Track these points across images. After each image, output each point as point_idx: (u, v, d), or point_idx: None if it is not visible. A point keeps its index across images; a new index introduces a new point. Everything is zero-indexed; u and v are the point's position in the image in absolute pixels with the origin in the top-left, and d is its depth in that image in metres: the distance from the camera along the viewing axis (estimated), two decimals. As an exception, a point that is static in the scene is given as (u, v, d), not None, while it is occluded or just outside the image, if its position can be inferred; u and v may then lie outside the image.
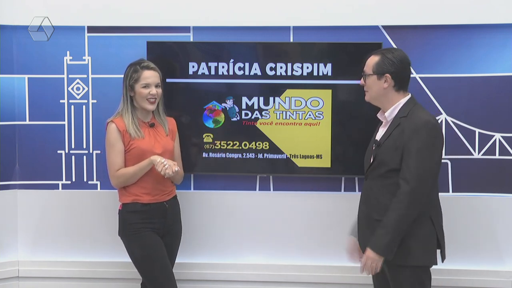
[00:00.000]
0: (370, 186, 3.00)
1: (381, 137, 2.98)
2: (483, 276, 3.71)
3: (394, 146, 2.88)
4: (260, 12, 3.71)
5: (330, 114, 3.66)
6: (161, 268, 3.27)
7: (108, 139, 3.31)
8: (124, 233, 3.33)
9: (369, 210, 2.99)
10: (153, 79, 3.31)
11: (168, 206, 3.37)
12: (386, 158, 2.91)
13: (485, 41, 3.63)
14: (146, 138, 3.31)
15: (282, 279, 3.82)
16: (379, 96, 2.99)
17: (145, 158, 3.26)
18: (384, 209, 2.88)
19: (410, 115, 2.91)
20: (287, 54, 3.68)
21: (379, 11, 3.66)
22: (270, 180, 3.82)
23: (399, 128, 2.90)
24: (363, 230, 3.05)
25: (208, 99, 3.72)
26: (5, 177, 3.86)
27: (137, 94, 3.30)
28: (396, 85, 2.95)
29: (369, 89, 3.01)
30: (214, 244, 3.86)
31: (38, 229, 3.91)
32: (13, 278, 3.90)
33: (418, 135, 2.82)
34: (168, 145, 3.38)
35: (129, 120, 3.29)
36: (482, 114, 3.67)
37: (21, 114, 3.85)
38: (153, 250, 3.27)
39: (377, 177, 2.96)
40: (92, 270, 3.88)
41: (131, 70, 3.33)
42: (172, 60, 3.70)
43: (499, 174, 3.69)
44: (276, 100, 3.68)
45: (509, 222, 3.71)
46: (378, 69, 2.95)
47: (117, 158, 3.29)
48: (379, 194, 2.94)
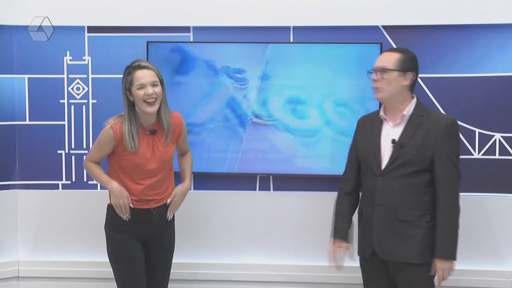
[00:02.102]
0: (390, 187, 2.92)
1: (400, 137, 2.92)
2: (483, 276, 3.72)
3: (422, 146, 2.87)
4: (260, 12, 3.71)
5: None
6: (129, 274, 3.17)
7: (100, 137, 3.16)
8: (106, 228, 3.24)
9: (390, 211, 2.91)
10: (148, 78, 3.05)
11: (155, 213, 3.19)
12: (414, 158, 2.87)
13: (485, 41, 3.63)
14: (142, 151, 3.12)
15: (282, 279, 3.82)
16: (395, 94, 2.93)
17: (138, 170, 3.13)
18: (410, 208, 2.88)
19: (428, 114, 2.92)
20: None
21: (379, 11, 3.66)
22: (270, 180, 3.82)
23: (422, 127, 2.89)
24: (381, 233, 2.94)
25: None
26: (5, 177, 3.86)
27: (135, 97, 3.06)
28: (412, 84, 2.95)
29: (387, 85, 2.92)
30: (214, 244, 3.86)
31: (38, 229, 3.91)
32: (13, 278, 3.91)
33: (452, 135, 2.88)
34: (166, 155, 3.18)
35: (126, 130, 3.06)
36: (482, 114, 3.67)
37: (21, 114, 3.85)
38: (127, 254, 3.16)
39: (398, 177, 2.90)
40: (92, 270, 3.88)
41: (125, 73, 3.11)
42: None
43: (499, 174, 3.70)
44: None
45: (509, 222, 3.72)
46: (401, 65, 2.91)
47: (97, 155, 3.19)
48: (403, 194, 2.89)
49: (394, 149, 2.92)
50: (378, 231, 2.95)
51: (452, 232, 2.87)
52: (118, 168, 3.17)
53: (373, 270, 3.04)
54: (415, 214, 2.89)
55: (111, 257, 3.23)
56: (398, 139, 2.92)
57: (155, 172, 3.16)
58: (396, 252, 2.92)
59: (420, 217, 2.88)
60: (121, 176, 3.16)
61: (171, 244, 3.33)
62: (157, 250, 3.26)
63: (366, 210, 3.01)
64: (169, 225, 3.30)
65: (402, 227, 2.90)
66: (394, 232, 2.91)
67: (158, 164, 3.15)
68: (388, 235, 2.93)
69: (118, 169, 3.17)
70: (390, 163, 2.92)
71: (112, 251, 3.22)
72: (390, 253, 2.94)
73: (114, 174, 3.19)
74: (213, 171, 3.78)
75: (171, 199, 3.25)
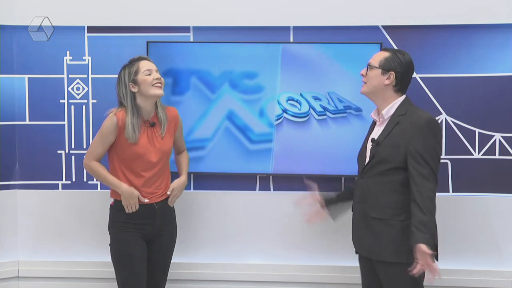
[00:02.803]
0: (366, 185, 2.98)
1: (379, 136, 2.97)
2: (483, 276, 3.71)
3: (395, 144, 2.88)
4: (260, 12, 3.71)
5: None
6: (129, 273, 3.22)
7: (103, 127, 3.22)
8: (110, 227, 3.30)
9: (367, 209, 2.97)
10: (153, 66, 3.25)
11: (158, 208, 3.29)
12: (387, 156, 2.90)
13: (485, 41, 3.63)
14: (142, 141, 3.22)
15: (282, 279, 3.82)
16: (376, 91, 2.98)
17: (139, 161, 3.21)
18: (384, 207, 2.89)
19: (409, 113, 2.92)
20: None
21: (379, 11, 3.66)
22: (270, 180, 3.82)
23: (399, 126, 2.90)
24: (360, 230, 3.04)
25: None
26: (5, 177, 3.86)
27: (142, 85, 3.19)
28: (397, 85, 2.96)
29: (368, 81, 3.00)
30: (214, 244, 3.86)
31: (38, 229, 3.91)
32: (13, 278, 3.91)
33: (427, 134, 2.84)
34: (165, 147, 3.29)
35: (130, 119, 3.20)
36: (482, 114, 3.67)
37: (21, 114, 3.85)
38: (128, 253, 3.21)
39: (375, 175, 2.95)
40: (92, 270, 3.88)
41: (127, 67, 3.25)
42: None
43: (499, 174, 3.69)
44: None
45: (509, 222, 3.72)
46: (385, 64, 2.95)
47: (99, 148, 3.23)
48: (378, 192, 2.93)
49: (371, 148, 2.98)
50: (356, 228, 3.07)
51: (428, 226, 2.75)
52: (120, 162, 3.24)
53: (363, 266, 3.12)
54: (389, 213, 2.90)
55: (113, 255, 3.27)
56: (377, 138, 2.96)
57: (154, 164, 3.25)
58: (371, 250, 2.97)
59: (393, 216, 2.89)
60: (123, 170, 3.24)
61: (173, 243, 3.40)
62: (159, 247, 3.32)
63: (354, 208, 3.11)
64: (171, 223, 3.38)
65: (376, 225, 2.93)
66: (369, 230, 2.96)
67: (158, 155, 3.25)
68: (364, 232, 2.99)
69: (120, 163, 3.24)
70: (368, 161, 2.99)
71: (115, 250, 3.26)
72: (367, 251, 3.01)
73: (115, 170, 3.26)
74: (213, 171, 3.78)
75: (170, 191, 3.34)
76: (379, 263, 2.95)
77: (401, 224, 2.88)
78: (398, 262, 2.88)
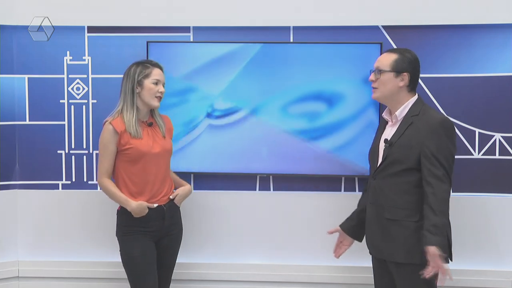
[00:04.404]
0: (379, 186, 2.96)
1: (392, 136, 2.94)
2: (483, 276, 3.71)
3: (409, 145, 2.87)
4: (260, 12, 3.71)
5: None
6: (141, 274, 3.23)
7: (101, 139, 3.24)
8: (118, 232, 3.31)
9: (380, 210, 2.96)
10: (162, 77, 3.29)
11: (166, 209, 3.31)
12: (400, 157, 2.88)
13: (485, 41, 3.63)
14: (145, 138, 3.25)
15: (282, 279, 3.82)
16: (391, 94, 2.96)
17: (143, 160, 3.22)
18: (397, 208, 2.89)
19: (422, 114, 2.91)
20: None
21: (379, 11, 3.66)
22: (270, 180, 3.82)
23: (412, 126, 2.89)
24: (373, 231, 3.02)
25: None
26: (5, 177, 3.86)
27: (145, 90, 3.23)
28: (410, 85, 2.96)
29: (381, 86, 2.97)
30: (214, 244, 3.86)
31: (38, 229, 3.91)
32: (13, 278, 3.91)
33: (441, 135, 2.82)
34: (167, 145, 3.33)
35: (130, 118, 3.22)
36: (482, 114, 3.67)
37: (21, 114, 3.85)
38: (139, 255, 3.22)
39: (388, 176, 2.93)
40: (92, 270, 3.88)
41: (139, 66, 3.26)
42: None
43: (499, 174, 3.69)
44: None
45: (509, 222, 3.72)
46: (397, 66, 2.93)
47: (106, 162, 3.23)
48: (391, 193, 2.92)
49: (385, 148, 2.96)
50: (370, 229, 3.05)
51: (440, 228, 2.77)
52: (125, 169, 3.24)
53: (376, 267, 3.11)
54: (402, 214, 2.89)
55: (124, 257, 3.27)
56: (390, 139, 2.94)
57: (158, 160, 3.27)
58: (384, 251, 2.97)
59: (407, 217, 2.89)
60: (130, 176, 3.24)
61: (178, 243, 3.43)
62: (167, 247, 3.34)
63: (367, 209, 3.09)
64: (178, 223, 3.41)
65: (389, 226, 2.92)
66: (383, 231, 2.95)
67: (161, 150, 3.28)
68: (377, 233, 2.98)
69: (126, 169, 3.24)
70: (381, 162, 2.97)
71: (126, 252, 3.26)
72: (380, 252, 3.00)
73: (122, 181, 3.26)
74: (213, 171, 3.78)
75: (174, 196, 3.37)
76: (392, 264, 2.95)
77: (414, 225, 2.87)
78: (412, 263, 2.87)
